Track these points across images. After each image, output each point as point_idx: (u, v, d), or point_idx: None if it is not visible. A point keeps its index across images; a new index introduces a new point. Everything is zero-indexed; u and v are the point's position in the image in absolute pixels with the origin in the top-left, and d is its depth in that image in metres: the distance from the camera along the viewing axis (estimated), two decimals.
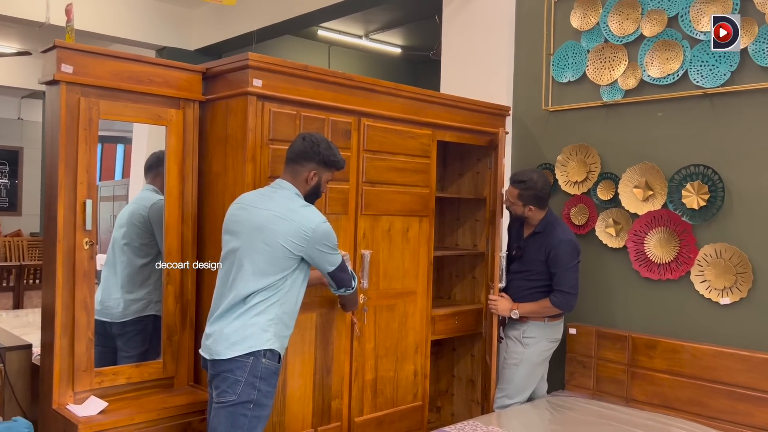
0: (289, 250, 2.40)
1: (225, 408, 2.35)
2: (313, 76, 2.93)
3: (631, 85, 3.42)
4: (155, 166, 3.01)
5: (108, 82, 2.64)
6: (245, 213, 2.49)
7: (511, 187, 3.33)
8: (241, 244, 2.44)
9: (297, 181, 2.53)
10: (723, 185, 3.10)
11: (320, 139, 2.54)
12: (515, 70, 3.98)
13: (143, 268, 2.98)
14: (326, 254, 2.48)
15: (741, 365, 2.99)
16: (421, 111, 3.41)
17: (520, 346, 3.33)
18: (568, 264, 3.22)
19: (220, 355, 2.37)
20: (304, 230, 2.40)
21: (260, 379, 2.36)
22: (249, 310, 2.38)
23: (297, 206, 2.47)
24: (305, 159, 2.51)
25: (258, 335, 2.37)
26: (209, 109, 2.95)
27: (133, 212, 3.06)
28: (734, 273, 3.06)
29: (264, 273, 2.39)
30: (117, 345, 2.99)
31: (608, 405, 3.31)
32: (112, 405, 2.60)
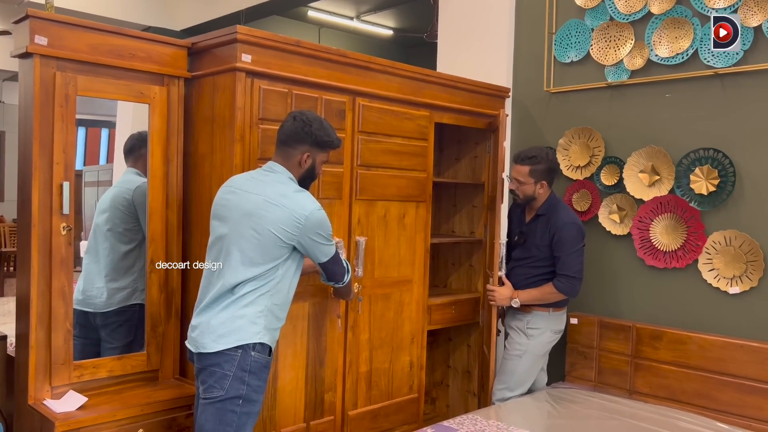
0: (280, 238, 2.24)
1: (213, 404, 2.20)
2: (305, 51, 2.76)
3: (638, 65, 3.28)
4: (136, 148, 2.84)
5: (86, 56, 2.46)
6: (234, 197, 2.32)
7: (518, 166, 3.15)
8: (230, 231, 2.28)
9: (290, 164, 2.36)
10: (734, 170, 2.97)
11: (312, 117, 2.36)
12: (515, 49, 3.82)
13: (128, 255, 2.81)
14: (320, 244, 2.32)
15: (751, 357, 2.88)
16: (418, 91, 3.25)
17: (524, 338, 3.20)
18: (573, 247, 3.07)
19: (206, 348, 2.22)
20: (296, 217, 2.24)
21: (249, 373, 2.21)
22: (237, 301, 2.23)
23: (290, 191, 2.30)
24: (297, 140, 2.34)
25: (247, 328, 2.22)
26: (195, 86, 2.78)
27: (116, 196, 2.88)
28: (744, 261, 2.95)
29: (253, 262, 2.24)
30: (101, 336, 2.81)
31: (611, 397, 3.20)
32: (92, 400, 2.45)
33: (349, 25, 7.74)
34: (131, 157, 2.89)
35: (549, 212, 3.14)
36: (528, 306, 3.18)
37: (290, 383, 2.76)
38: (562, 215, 3.11)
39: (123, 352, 2.72)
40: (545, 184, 3.15)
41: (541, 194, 3.16)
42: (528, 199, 3.18)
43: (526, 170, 3.12)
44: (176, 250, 2.76)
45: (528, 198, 3.18)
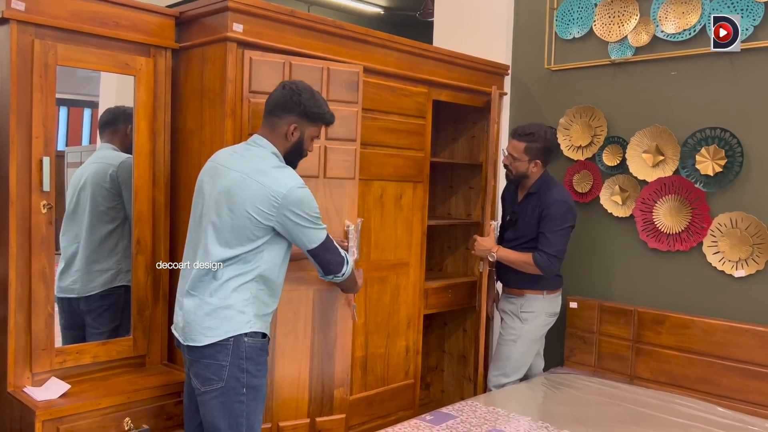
0: (255, 218, 2.05)
1: (216, 398, 2.06)
2: (300, 22, 2.63)
3: (643, 41, 3.17)
4: (111, 122, 2.66)
5: (66, 23, 2.31)
6: (215, 173, 2.15)
7: (515, 141, 3.03)
8: (207, 209, 2.12)
9: (275, 136, 2.17)
10: (741, 149, 2.88)
11: (303, 87, 2.18)
12: (515, 25, 3.69)
13: (110, 235, 2.66)
14: (303, 227, 2.10)
15: (756, 341, 2.81)
16: (416, 67, 3.13)
17: (517, 322, 3.10)
18: (558, 225, 2.94)
19: (195, 342, 2.08)
20: (272, 195, 2.04)
21: (246, 359, 2.08)
22: (221, 288, 2.07)
23: (269, 166, 2.11)
24: (284, 110, 2.15)
25: (235, 318, 2.07)
26: (183, 57, 2.64)
27: (98, 172, 2.70)
28: (751, 244, 2.87)
29: (228, 243, 2.07)
30: (86, 322, 2.67)
31: (611, 383, 3.13)
32: (75, 387, 2.33)
33: (340, 2, 7.54)
34: (107, 131, 2.70)
35: (541, 190, 3.03)
36: (521, 289, 3.10)
37: (290, 374, 2.57)
38: (554, 192, 2.99)
39: (110, 337, 2.59)
40: (539, 164, 3.04)
41: (533, 173, 3.05)
42: (519, 176, 3.07)
43: (521, 146, 3.01)
44: (164, 231, 2.64)
45: (519, 175, 3.06)
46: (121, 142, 2.63)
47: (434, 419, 2.62)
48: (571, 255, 3.43)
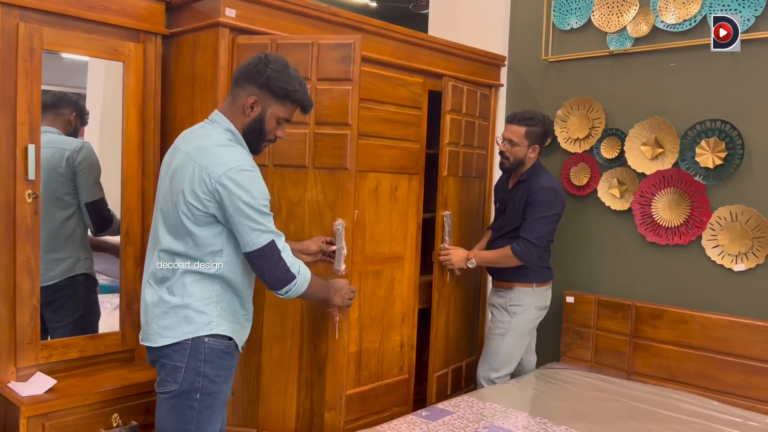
0: (192, 204, 1.81)
1: (167, 400, 1.90)
2: (294, 8, 2.56)
3: (643, 32, 3.12)
4: (54, 105, 2.51)
5: (53, 6, 2.24)
6: (169, 154, 1.96)
7: (514, 126, 2.97)
8: (158, 195, 1.95)
9: (233, 109, 1.93)
10: (742, 142, 2.84)
11: (275, 58, 1.92)
12: (512, 16, 3.64)
13: (66, 222, 2.52)
14: (242, 222, 1.81)
15: (756, 336, 2.77)
16: (412, 56, 3.07)
17: (506, 315, 3.06)
18: (542, 212, 2.88)
19: (150, 342, 1.92)
20: (208, 177, 1.78)
21: (205, 362, 1.88)
22: (178, 283, 1.87)
23: (213, 143, 1.85)
24: (246, 79, 1.90)
25: (194, 318, 1.87)
26: (174, 44, 2.57)
27: (53, 157, 2.51)
28: (751, 237, 2.83)
29: (175, 232, 1.86)
30: (44, 316, 2.44)
31: (609, 378, 3.09)
32: (61, 382, 2.26)
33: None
34: (49, 114, 2.51)
35: (531, 178, 2.99)
36: (509, 282, 3.05)
37: (277, 383, 2.48)
38: (542, 179, 2.95)
39: (74, 328, 2.49)
40: (537, 149, 3.00)
41: (530, 159, 3.01)
42: (517, 163, 3.01)
43: (522, 131, 2.96)
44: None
45: (517, 162, 3.01)
46: (63, 127, 2.50)
47: (430, 415, 2.57)
48: (567, 249, 3.40)
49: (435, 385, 3.25)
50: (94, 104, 4.35)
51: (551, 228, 2.93)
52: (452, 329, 3.37)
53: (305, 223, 2.45)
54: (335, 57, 2.41)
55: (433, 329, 3.21)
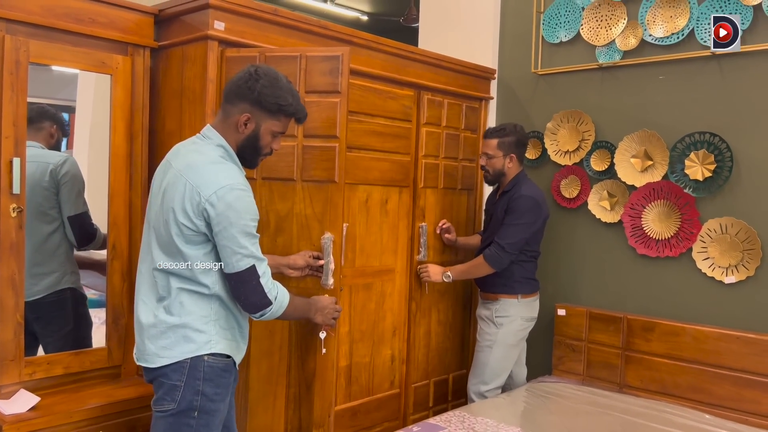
0: (183, 223, 1.79)
1: (164, 418, 1.87)
2: (284, 21, 2.55)
3: (631, 45, 3.14)
4: (35, 119, 2.46)
5: (39, 19, 2.22)
6: (161, 170, 1.93)
7: (487, 140, 3.04)
8: (149, 211, 1.93)
9: (225, 126, 1.90)
10: (731, 154, 2.85)
11: (265, 72, 1.88)
12: (501, 29, 3.65)
13: (51, 236, 2.49)
14: (226, 243, 1.79)
15: (748, 349, 2.77)
16: (402, 69, 3.07)
17: (493, 327, 3.05)
18: (518, 219, 2.92)
19: (148, 363, 1.88)
20: (198, 195, 1.76)
21: (204, 380, 1.86)
22: (174, 302, 1.85)
23: (204, 161, 1.82)
24: (237, 96, 1.87)
25: (193, 338, 1.84)
26: (162, 57, 2.55)
27: (37, 172, 2.47)
28: (741, 250, 2.83)
29: (168, 250, 1.84)
30: (35, 331, 2.45)
31: (601, 392, 3.07)
32: (45, 400, 2.21)
33: (323, 8, 7.50)
34: (31, 128, 2.43)
35: (514, 188, 3.01)
36: (495, 294, 3.06)
37: (265, 399, 2.43)
38: (524, 188, 2.98)
39: (66, 343, 2.46)
40: (514, 158, 3.02)
41: (510, 168, 3.03)
42: (497, 174, 3.05)
43: (494, 143, 3.01)
44: (140, 236, 2.51)
45: (497, 173, 3.04)
46: (45, 141, 2.48)
47: (422, 430, 2.54)
48: (558, 261, 3.40)
49: (412, 396, 3.23)
50: (83, 117, 4.33)
51: (524, 235, 2.94)
52: (434, 341, 3.35)
53: (293, 237, 2.42)
54: (323, 69, 2.39)
55: (410, 340, 3.20)
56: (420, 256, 3.18)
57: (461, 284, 3.49)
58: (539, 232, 3.06)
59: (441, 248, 3.31)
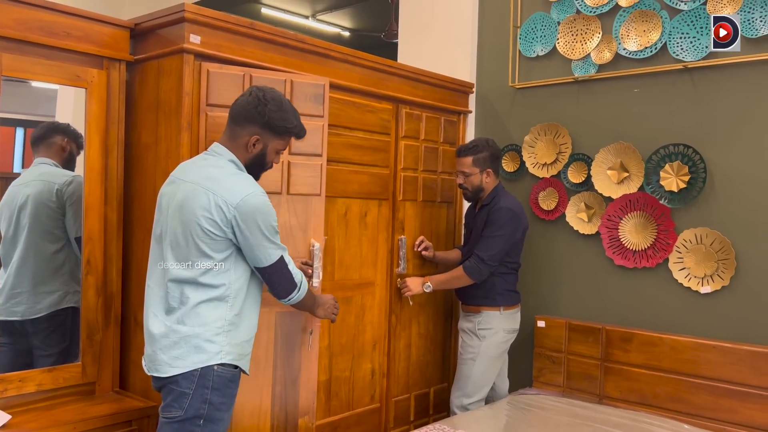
0: (210, 230, 1.90)
1: (170, 424, 1.93)
2: (260, 35, 2.56)
3: (606, 59, 3.18)
4: (44, 136, 2.53)
5: (12, 32, 2.20)
6: (170, 188, 2.03)
7: (461, 159, 3.05)
8: (164, 226, 2.00)
9: (235, 145, 2.04)
10: (704, 166, 2.89)
11: (271, 96, 2.03)
12: (479, 44, 3.69)
13: (55, 256, 2.51)
14: (256, 241, 1.94)
15: (724, 358, 2.79)
16: (380, 83, 3.08)
17: (475, 340, 3.05)
18: (497, 231, 2.95)
19: (159, 372, 1.95)
20: (225, 204, 1.90)
21: (212, 389, 1.93)
22: (190, 314, 1.93)
23: (224, 174, 1.96)
24: (246, 119, 2.02)
25: (204, 348, 1.93)
26: (138, 70, 2.54)
27: (43, 191, 2.55)
28: (716, 260, 2.86)
29: (187, 260, 1.93)
30: (32, 344, 2.52)
31: (581, 403, 3.07)
32: (17, 418, 2.18)
33: (305, 24, 7.53)
34: (42, 146, 2.53)
35: (492, 201, 3.04)
36: (477, 306, 3.06)
37: (251, 401, 2.42)
38: (502, 201, 3.01)
39: (59, 359, 2.45)
40: (491, 172, 3.05)
41: (488, 183, 3.06)
42: (476, 191, 3.07)
43: (469, 161, 3.03)
44: (116, 251, 2.51)
45: (476, 190, 3.07)
46: (58, 156, 2.50)
47: None
48: (538, 273, 3.41)
49: (393, 410, 3.22)
50: None
51: (504, 247, 2.97)
52: (415, 354, 3.35)
53: None
54: (308, 94, 2.55)
55: (390, 354, 3.19)
56: (399, 269, 3.18)
57: (442, 297, 3.49)
58: (519, 243, 3.08)
59: (420, 261, 3.31)
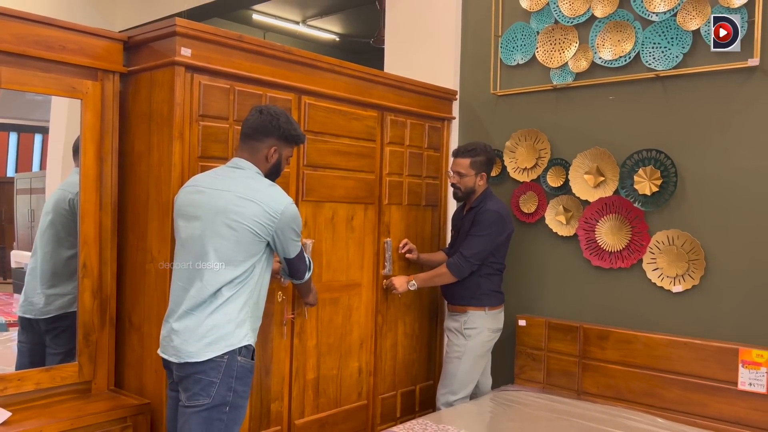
0: (257, 233, 2.21)
1: (198, 413, 2.14)
2: (248, 47, 2.67)
3: (583, 67, 3.31)
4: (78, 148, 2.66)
5: (11, 47, 2.31)
6: (203, 197, 2.25)
7: (459, 159, 3.18)
8: (203, 231, 2.22)
9: (256, 158, 2.32)
10: (675, 170, 3.02)
11: (279, 112, 2.33)
12: (462, 52, 3.82)
13: (69, 261, 2.62)
14: (291, 240, 2.31)
15: (694, 354, 2.92)
16: (366, 91, 3.20)
17: (461, 339, 3.17)
18: (482, 231, 3.09)
19: (192, 357, 2.15)
20: (272, 212, 2.22)
21: (236, 378, 2.18)
22: (224, 305, 2.18)
23: (263, 186, 2.28)
24: (264, 134, 2.31)
25: (234, 332, 2.19)
26: (131, 82, 2.65)
27: (60, 199, 2.70)
28: (686, 260, 2.99)
29: (231, 261, 2.20)
30: (45, 341, 2.67)
31: (560, 398, 3.20)
32: (16, 415, 2.28)
33: (295, 29, 7.65)
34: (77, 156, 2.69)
35: (480, 203, 3.17)
36: (463, 306, 3.18)
37: None
38: (488, 204, 3.15)
39: (65, 358, 2.58)
40: (484, 176, 3.19)
41: (480, 186, 3.19)
42: (468, 191, 3.20)
43: (467, 162, 3.15)
44: (110, 254, 2.62)
45: (468, 191, 3.19)
46: None
47: None
48: (519, 273, 3.53)
49: (380, 407, 3.34)
50: (56, 138, 4.40)
51: (488, 247, 3.10)
52: (401, 353, 3.46)
53: None
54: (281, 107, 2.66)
55: (377, 352, 3.31)
56: (385, 271, 3.30)
57: (427, 297, 3.61)
58: (503, 245, 3.19)
59: (406, 263, 3.43)
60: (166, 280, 2.43)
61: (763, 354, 2.75)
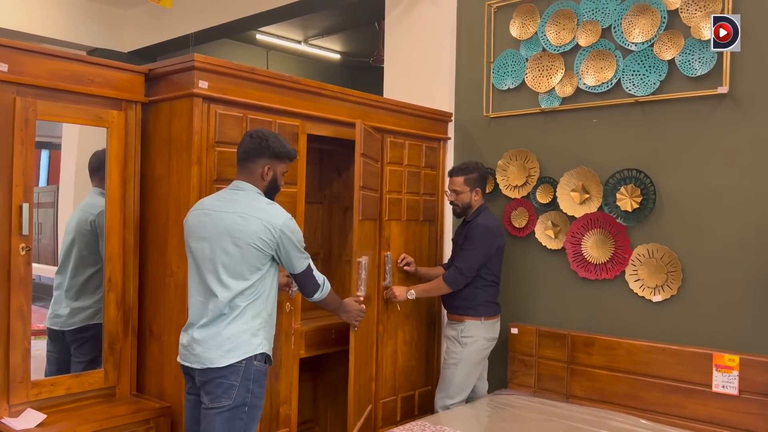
0: (260, 248, 2.40)
1: (221, 413, 2.35)
2: (259, 78, 2.91)
3: (568, 92, 3.55)
4: (99, 167, 2.88)
5: (46, 82, 2.55)
6: (210, 218, 2.45)
7: (454, 178, 3.43)
8: (212, 250, 2.41)
9: (253, 179, 2.50)
10: (654, 188, 3.26)
11: (267, 133, 2.53)
12: (457, 77, 4.06)
13: (92, 278, 2.89)
14: (292, 254, 2.47)
15: (672, 359, 3.14)
16: (367, 115, 3.43)
17: (458, 346, 3.39)
18: (473, 244, 3.31)
19: (214, 363, 2.36)
20: (271, 227, 2.40)
21: (253, 381, 2.39)
22: (239, 316, 2.38)
23: (263, 204, 2.46)
24: (256, 155, 2.49)
25: (250, 341, 2.39)
26: (152, 110, 2.88)
27: (81, 220, 2.96)
28: (665, 272, 3.22)
29: (240, 275, 2.39)
30: (70, 351, 2.93)
31: (549, 402, 3.42)
32: (50, 417, 2.50)
33: (297, 48, 7.89)
34: (96, 176, 2.94)
35: (475, 218, 3.41)
36: (461, 316, 3.40)
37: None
38: (481, 218, 3.39)
39: (88, 367, 2.81)
40: (479, 191, 3.44)
41: (476, 201, 3.44)
42: (465, 207, 3.44)
43: (461, 180, 3.40)
44: (133, 269, 2.84)
45: (466, 206, 3.44)
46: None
47: None
48: (511, 284, 3.75)
49: (381, 411, 3.56)
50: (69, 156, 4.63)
51: (479, 260, 3.32)
52: (401, 360, 3.68)
53: None
54: (288, 133, 2.98)
55: (378, 359, 3.52)
56: (386, 282, 3.52)
57: (425, 308, 3.83)
58: (495, 258, 3.42)
59: (404, 275, 3.65)
60: (184, 293, 2.64)
61: (735, 358, 2.97)
